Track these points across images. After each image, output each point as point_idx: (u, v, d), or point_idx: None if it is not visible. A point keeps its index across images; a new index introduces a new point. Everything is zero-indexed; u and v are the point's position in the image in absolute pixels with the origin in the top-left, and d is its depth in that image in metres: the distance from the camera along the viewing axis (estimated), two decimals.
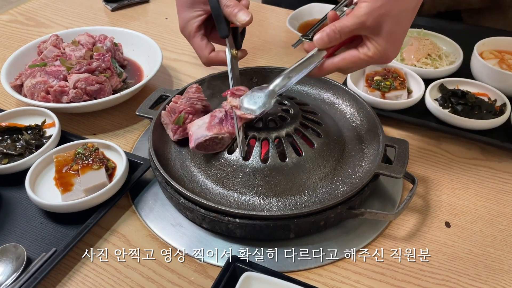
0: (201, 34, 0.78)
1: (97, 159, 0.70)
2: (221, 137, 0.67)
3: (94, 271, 0.62)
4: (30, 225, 0.67)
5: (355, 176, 0.69)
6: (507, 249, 0.64)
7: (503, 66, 0.92)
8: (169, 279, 0.61)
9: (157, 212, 0.69)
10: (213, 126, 0.68)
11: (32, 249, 0.63)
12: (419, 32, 1.03)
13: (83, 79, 0.84)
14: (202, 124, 0.69)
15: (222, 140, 0.68)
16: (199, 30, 0.78)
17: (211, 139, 0.67)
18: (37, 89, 0.85)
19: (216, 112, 0.70)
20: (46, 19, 1.27)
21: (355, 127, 0.78)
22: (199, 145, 0.67)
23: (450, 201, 0.71)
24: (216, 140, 0.68)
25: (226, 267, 0.57)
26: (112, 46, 0.98)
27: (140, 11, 1.30)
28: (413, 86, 0.90)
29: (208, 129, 0.68)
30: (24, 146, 0.76)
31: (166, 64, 1.04)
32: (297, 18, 1.15)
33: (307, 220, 0.61)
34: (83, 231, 0.63)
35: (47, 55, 0.94)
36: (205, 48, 0.78)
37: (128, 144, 0.83)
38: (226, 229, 0.63)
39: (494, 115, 0.81)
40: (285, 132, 0.69)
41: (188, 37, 0.79)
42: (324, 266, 0.62)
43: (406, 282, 0.60)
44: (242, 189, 0.66)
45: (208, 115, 0.71)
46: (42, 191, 0.69)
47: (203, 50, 0.78)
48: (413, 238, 0.66)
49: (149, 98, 0.81)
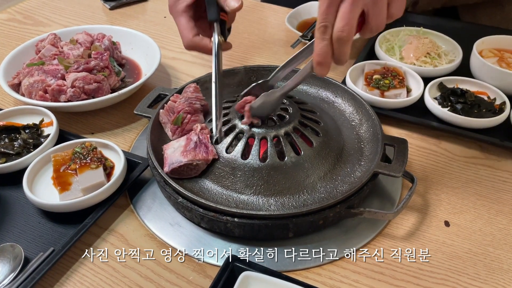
0: (188, 15, 0.76)
1: (95, 158, 0.69)
2: (195, 163, 0.66)
3: (92, 270, 0.62)
4: (28, 224, 0.67)
5: (354, 175, 0.69)
6: (506, 248, 0.64)
7: (503, 65, 0.92)
8: (167, 278, 0.61)
9: (155, 212, 0.69)
10: (188, 151, 0.67)
11: (29, 249, 0.62)
12: (418, 31, 1.03)
13: (81, 78, 0.83)
14: (178, 147, 0.68)
15: (197, 166, 0.67)
16: (187, 10, 0.76)
17: (185, 165, 0.66)
18: (35, 88, 0.84)
19: (192, 135, 0.69)
20: (44, 17, 1.26)
21: (354, 126, 0.78)
22: (174, 170, 0.66)
23: (449, 200, 0.71)
24: (191, 166, 0.66)
25: (225, 266, 0.57)
26: (110, 44, 0.97)
27: (139, 10, 1.29)
28: (412, 85, 0.90)
29: (183, 155, 0.66)
30: (22, 145, 0.75)
31: (164, 63, 1.04)
32: (295, 17, 1.14)
33: (306, 219, 0.61)
34: (81, 231, 0.63)
35: (45, 53, 0.94)
36: (190, 30, 0.76)
37: (127, 143, 0.83)
38: (224, 229, 0.63)
39: (494, 114, 0.81)
40: (284, 131, 0.69)
41: (175, 15, 0.77)
42: (323, 266, 0.62)
43: (405, 281, 0.60)
44: (240, 188, 0.66)
45: (185, 138, 0.70)
46: (40, 190, 0.69)
47: (187, 31, 0.76)
48: (412, 237, 0.66)
49: (147, 97, 0.81)
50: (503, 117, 0.80)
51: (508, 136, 0.80)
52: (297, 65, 0.67)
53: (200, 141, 0.68)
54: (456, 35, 1.01)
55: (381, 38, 1.01)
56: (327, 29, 0.53)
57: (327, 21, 0.53)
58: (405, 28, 1.04)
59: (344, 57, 0.55)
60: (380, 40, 1.00)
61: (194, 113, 0.73)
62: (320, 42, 0.54)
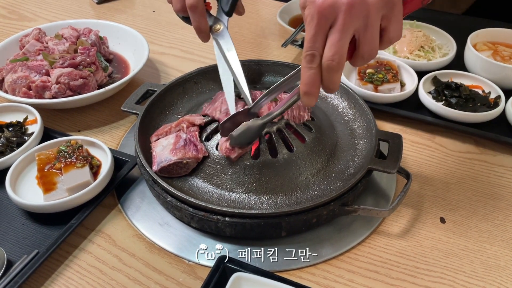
0: None
1: (81, 156, 0.67)
2: (185, 161, 0.64)
3: (78, 273, 0.60)
4: (11, 226, 0.65)
5: (348, 172, 0.67)
6: (503, 244, 0.63)
7: (497, 58, 0.91)
8: (156, 280, 0.59)
9: (144, 211, 0.67)
10: (178, 149, 0.64)
11: (13, 252, 0.60)
12: (412, 24, 1.02)
13: (66, 74, 0.81)
14: (167, 145, 0.66)
15: (187, 164, 0.64)
16: None
17: (175, 163, 0.64)
18: (18, 85, 0.82)
19: (181, 133, 0.67)
20: (30, 12, 1.23)
21: (348, 121, 0.76)
22: (163, 169, 0.64)
23: (444, 196, 0.70)
24: (181, 165, 0.64)
25: (216, 267, 0.55)
26: (97, 39, 0.95)
27: (127, 4, 1.26)
28: (406, 79, 0.88)
29: (172, 153, 0.64)
30: (5, 144, 0.73)
31: (153, 58, 1.01)
32: (287, 12, 1.12)
33: (299, 217, 0.60)
34: (67, 232, 0.61)
35: (29, 49, 0.91)
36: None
37: (114, 141, 0.81)
38: (215, 228, 0.61)
39: (489, 108, 0.80)
40: (276, 127, 0.67)
41: None
42: (316, 265, 0.60)
43: (401, 280, 0.59)
44: (232, 187, 0.64)
45: (174, 135, 0.67)
46: (24, 190, 0.67)
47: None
48: (408, 235, 0.64)
49: (135, 93, 0.79)
50: (498, 111, 0.79)
51: (503, 130, 0.79)
52: (282, 91, 0.62)
53: (189, 139, 0.66)
54: (450, 28, 1.00)
55: None
56: (314, 57, 0.50)
57: (314, 49, 0.50)
58: None
59: (334, 86, 0.51)
60: None
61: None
62: (307, 71, 0.51)
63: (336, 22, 0.48)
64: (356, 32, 0.49)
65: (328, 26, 0.49)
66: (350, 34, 0.49)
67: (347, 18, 0.47)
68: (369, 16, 0.48)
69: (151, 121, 0.75)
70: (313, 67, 0.50)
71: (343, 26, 0.48)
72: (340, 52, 0.49)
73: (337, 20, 0.48)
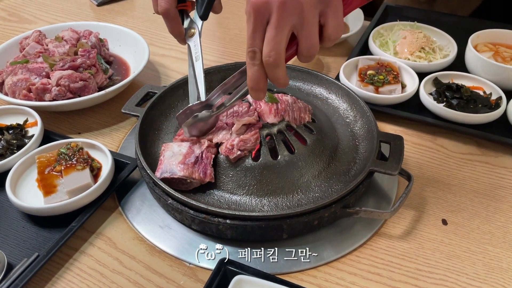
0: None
1: (81, 159, 0.67)
2: (190, 181, 0.63)
3: (79, 276, 0.59)
4: (11, 229, 0.64)
5: (349, 174, 0.67)
6: (505, 246, 0.63)
7: (498, 59, 0.91)
8: (157, 283, 0.58)
9: (144, 214, 0.67)
10: (187, 165, 0.63)
11: (13, 255, 0.60)
12: (412, 25, 1.01)
13: (66, 76, 0.81)
14: (177, 154, 0.65)
15: (190, 183, 0.64)
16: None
17: (179, 179, 0.63)
18: (19, 87, 0.81)
19: (195, 147, 0.66)
20: (30, 14, 1.23)
21: (349, 123, 0.76)
22: (165, 179, 0.63)
23: (446, 198, 0.70)
24: (184, 181, 0.63)
25: (217, 270, 0.55)
26: (98, 41, 0.95)
27: (127, 6, 1.26)
28: (407, 80, 0.88)
29: (180, 167, 0.63)
30: (5, 146, 0.73)
31: (153, 60, 1.01)
32: None
33: (300, 220, 0.59)
34: (67, 235, 0.61)
35: (29, 51, 0.91)
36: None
37: (115, 143, 0.80)
38: (216, 231, 0.61)
39: (490, 109, 0.79)
40: (277, 129, 0.67)
41: None
42: (318, 267, 0.60)
43: (403, 282, 0.59)
44: (232, 189, 0.64)
45: (187, 145, 0.66)
46: (24, 193, 0.66)
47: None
48: (409, 237, 0.64)
49: (135, 95, 0.79)
50: (500, 112, 0.78)
51: (505, 131, 0.78)
52: (238, 85, 0.62)
53: (201, 158, 0.64)
54: (451, 29, 1.00)
55: (375, 33, 0.99)
56: (255, 54, 0.51)
57: (254, 45, 0.51)
58: (398, 23, 1.03)
59: (280, 80, 0.53)
60: (373, 35, 0.98)
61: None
62: (251, 68, 0.52)
63: (271, 19, 0.49)
64: (293, 28, 0.50)
65: (265, 23, 0.50)
66: (287, 31, 0.50)
67: (280, 14, 0.48)
68: (303, 12, 0.49)
69: (151, 123, 0.75)
70: (256, 63, 0.52)
71: (277, 22, 0.49)
72: (276, 48, 0.50)
73: (272, 17, 0.49)
